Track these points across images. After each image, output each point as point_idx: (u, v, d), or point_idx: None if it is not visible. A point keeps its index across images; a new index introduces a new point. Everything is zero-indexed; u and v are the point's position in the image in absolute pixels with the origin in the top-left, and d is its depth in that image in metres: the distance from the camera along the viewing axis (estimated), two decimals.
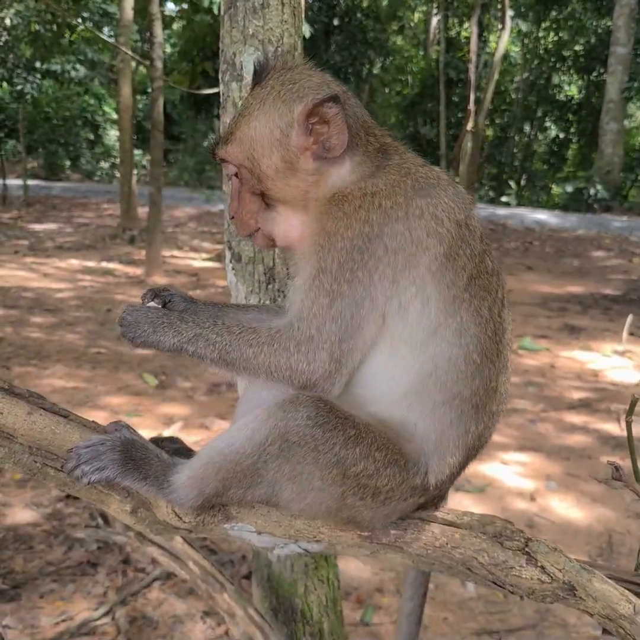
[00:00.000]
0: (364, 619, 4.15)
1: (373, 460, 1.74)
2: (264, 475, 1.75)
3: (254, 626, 2.68)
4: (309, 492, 1.75)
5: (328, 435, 1.69)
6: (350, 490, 1.74)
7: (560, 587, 1.64)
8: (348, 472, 1.72)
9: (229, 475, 1.76)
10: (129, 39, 17.75)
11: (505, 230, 21.89)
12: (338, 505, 1.77)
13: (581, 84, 34.29)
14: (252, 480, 1.76)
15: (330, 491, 1.74)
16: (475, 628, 4.14)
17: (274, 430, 1.69)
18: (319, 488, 1.74)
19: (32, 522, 4.88)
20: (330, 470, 1.71)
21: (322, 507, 1.78)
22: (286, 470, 1.72)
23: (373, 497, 1.76)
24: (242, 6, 2.52)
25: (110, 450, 1.80)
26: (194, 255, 17.07)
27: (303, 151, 1.86)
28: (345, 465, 1.71)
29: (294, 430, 1.68)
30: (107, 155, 34.77)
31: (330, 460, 1.70)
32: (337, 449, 1.70)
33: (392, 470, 1.77)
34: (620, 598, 1.61)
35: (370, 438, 1.75)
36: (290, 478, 1.73)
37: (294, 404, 1.70)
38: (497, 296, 1.86)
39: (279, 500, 1.80)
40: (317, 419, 1.69)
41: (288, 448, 1.69)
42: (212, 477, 1.77)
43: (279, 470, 1.73)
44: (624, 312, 11.30)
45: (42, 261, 15.14)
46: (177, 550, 2.83)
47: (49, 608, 4.10)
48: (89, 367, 8.08)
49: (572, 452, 6.41)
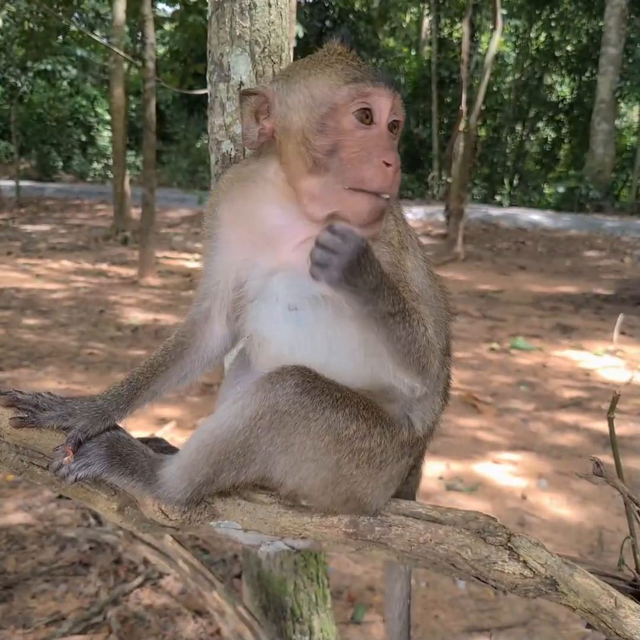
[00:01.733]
0: (355, 617, 4.17)
1: (363, 419, 1.78)
2: (257, 452, 1.76)
3: (244, 624, 2.69)
4: (303, 464, 1.76)
5: (317, 401, 1.72)
6: (345, 457, 1.76)
7: (543, 582, 1.65)
8: (341, 437, 1.74)
9: (220, 457, 1.77)
10: (121, 39, 17.73)
11: (498, 231, 21.95)
12: (334, 476, 1.78)
13: (573, 85, 34.39)
14: (245, 458, 1.77)
15: (324, 460, 1.76)
16: (466, 625, 4.16)
17: (263, 402, 1.71)
18: (313, 458, 1.75)
19: (24, 522, 4.88)
20: (323, 437, 1.73)
21: (318, 480, 1.79)
22: (278, 442, 1.74)
23: (368, 462, 1.79)
24: (229, 7, 2.53)
25: (96, 446, 1.81)
26: (187, 256, 17.08)
27: None
28: (338, 429, 1.74)
29: (283, 399, 1.71)
30: (100, 156, 34.68)
31: (322, 426, 1.73)
32: (327, 413, 1.73)
33: (382, 428, 1.82)
34: (601, 592, 1.63)
35: (356, 399, 1.80)
36: (283, 450, 1.75)
37: (280, 375, 1.73)
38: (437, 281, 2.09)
39: (273, 476, 1.81)
40: (304, 386, 1.72)
41: (279, 419, 1.71)
42: (203, 461, 1.79)
43: (271, 444, 1.75)
44: (615, 312, 11.35)
45: (34, 262, 15.12)
46: (166, 548, 2.84)
47: (41, 608, 4.10)
48: (82, 368, 8.08)
49: (563, 451, 6.44)
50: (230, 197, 1.97)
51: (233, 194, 1.97)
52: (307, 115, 1.76)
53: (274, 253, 1.88)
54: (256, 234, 1.90)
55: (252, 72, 2.55)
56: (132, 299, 11.99)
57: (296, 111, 1.78)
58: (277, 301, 1.88)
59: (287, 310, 1.87)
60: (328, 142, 1.74)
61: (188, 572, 2.83)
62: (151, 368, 2.02)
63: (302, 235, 1.84)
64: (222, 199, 1.99)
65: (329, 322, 1.84)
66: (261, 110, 1.85)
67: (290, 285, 1.86)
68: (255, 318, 1.94)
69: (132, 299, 12.03)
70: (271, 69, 2.56)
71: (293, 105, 1.79)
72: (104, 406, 1.88)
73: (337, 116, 1.74)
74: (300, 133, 1.76)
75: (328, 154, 1.74)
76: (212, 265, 2.03)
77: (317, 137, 1.74)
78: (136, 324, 10.30)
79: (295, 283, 1.85)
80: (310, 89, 1.77)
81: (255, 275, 1.93)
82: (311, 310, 1.85)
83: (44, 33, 23.51)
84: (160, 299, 12.09)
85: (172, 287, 13.23)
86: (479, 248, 19.28)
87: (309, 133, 1.75)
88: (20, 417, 1.80)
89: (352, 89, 1.74)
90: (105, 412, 1.87)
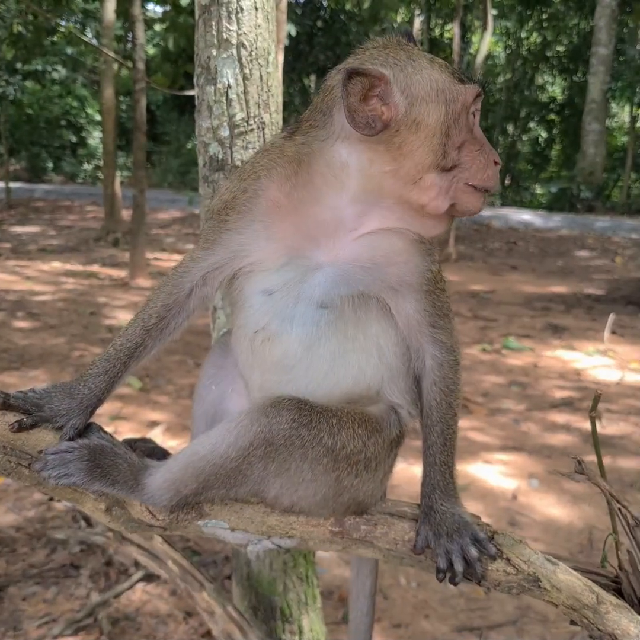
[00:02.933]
0: (346, 617, 4.18)
1: (358, 437, 1.79)
2: (249, 476, 1.76)
3: (233, 624, 2.70)
4: (300, 485, 1.77)
5: (314, 432, 1.72)
6: (345, 472, 1.78)
7: (526, 579, 1.67)
8: (339, 457, 1.75)
9: (210, 477, 1.77)
10: (111, 40, 17.69)
11: (490, 231, 22.00)
12: (335, 490, 1.79)
13: (564, 85, 34.52)
14: (236, 480, 1.77)
15: (323, 479, 1.77)
16: (457, 625, 4.18)
17: (258, 435, 1.71)
18: (311, 479, 1.76)
19: (14, 525, 4.88)
20: (321, 461, 1.74)
21: (318, 497, 1.80)
22: (272, 468, 1.74)
23: (366, 469, 1.81)
24: (216, 11, 2.55)
25: (77, 459, 1.80)
26: (178, 257, 16.91)
27: None
28: (335, 451, 1.75)
29: (279, 434, 1.70)
30: (90, 157, 34.59)
31: (320, 452, 1.73)
32: (325, 440, 1.73)
33: (375, 437, 1.83)
34: (583, 588, 1.65)
35: (350, 419, 1.79)
36: (278, 474, 1.75)
37: (276, 409, 1.72)
38: None
39: (267, 496, 1.81)
40: (301, 420, 1.71)
41: (275, 450, 1.71)
42: (192, 479, 1.79)
43: (265, 469, 1.74)
44: (606, 312, 11.39)
45: (25, 264, 15.07)
46: (156, 549, 2.84)
47: (31, 610, 4.10)
48: (72, 371, 8.05)
49: (554, 451, 6.46)
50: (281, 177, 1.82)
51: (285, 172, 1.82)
52: (444, 110, 1.74)
53: (332, 245, 1.81)
54: (315, 222, 1.80)
55: (239, 75, 2.57)
56: (123, 301, 11.96)
57: (428, 104, 1.73)
58: (310, 297, 1.81)
59: (317, 308, 1.81)
60: (461, 139, 1.77)
61: (178, 573, 2.83)
62: (128, 352, 1.96)
63: (366, 228, 1.81)
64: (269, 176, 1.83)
65: (353, 324, 1.83)
66: (374, 94, 1.71)
67: (336, 281, 1.81)
68: (271, 312, 1.84)
69: (123, 300, 12.01)
70: (258, 72, 2.58)
71: (422, 97, 1.73)
72: (86, 402, 1.88)
73: (465, 114, 1.78)
74: (437, 127, 1.73)
75: (458, 150, 1.77)
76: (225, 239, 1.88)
77: (454, 133, 1.76)
78: None
79: (342, 279, 1.81)
80: (437, 83, 1.75)
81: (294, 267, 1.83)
82: (340, 311, 1.81)
83: (34, 34, 23.42)
84: None
85: None
86: (470, 248, 19.33)
87: (449, 128, 1.75)
88: (17, 421, 1.81)
89: (473, 89, 1.79)
90: (88, 406, 1.88)
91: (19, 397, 1.85)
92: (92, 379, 1.90)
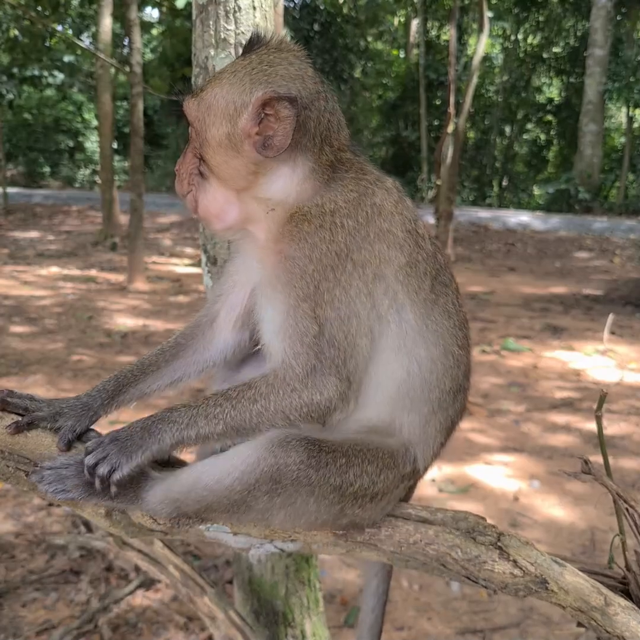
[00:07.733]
0: (348, 621, 4.16)
1: (367, 475, 1.76)
2: (253, 506, 1.74)
3: (235, 629, 2.68)
4: (303, 515, 1.75)
5: (322, 473, 1.69)
6: (349, 504, 1.75)
7: (533, 581, 1.65)
8: (345, 493, 1.73)
9: (213, 504, 1.75)
10: (108, 45, 17.69)
11: (488, 232, 22.01)
12: (335, 517, 1.78)
13: (561, 86, 34.55)
14: (239, 509, 1.75)
15: (327, 510, 1.75)
16: (460, 627, 4.15)
17: (265, 474, 1.68)
18: (315, 510, 1.74)
19: (13, 531, 4.85)
20: (327, 497, 1.72)
21: (319, 522, 1.79)
22: (277, 501, 1.72)
23: (372, 501, 1.78)
24: (214, 10, 2.53)
25: (74, 475, 1.76)
26: (176, 261, 17.04)
27: (246, 137, 1.77)
28: (342, 489, 1.72)
29: (287, 475, 1.68)
30: (87, 162, 34.57)
31: (326, 490, 1.71)
32: (332, 480, 1.71)
33: (385, 474, 1.79)
34: (591, 590, 1.63)
35: (360, 458, 1.76)
36: (282, 507, 1.73)
37: (284, 449, 1.68)
38: (453, 287, 1.96)
39: (269, 524, 1.80)
40: (309, 462, 1.68)
41: (281, 487, 1.69)
42: (194, 502, 1.76)
43: (269, 502, 1.72)
44: (605, 312, 11.40)
45: (23, 269, 15.05)
46: (157, 554, 2.82)
47: (31, 617, 4.07)
48: (71, 375, 8.03)
49: (555, 452, 6.44)
50: None
51: None
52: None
53: None
54: None
55: None
56: (121, 305, 11.94)
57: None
58: None
59: None
60: None
61: (179, 578, 2.81)
62: (141, 366, 1.99)
63: None
64: None
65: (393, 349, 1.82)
66: None
67: None
68: None
69: (121, 304, 11.99)
70: None
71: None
72: (89, 402, 1.86)
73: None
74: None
75: None
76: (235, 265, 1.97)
77: None
78: (125, 330, 10.26)
79: None
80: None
81: None
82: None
83: (30, 39, 23.41)
84: (149, 305, 12.04)
85: (162, 292, 13.19)
86: (468, 250, 19.33)
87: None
88: (14, 422, 1.79)
89: None
90: (90, 408, 1.86)
91: (20, 397, 1.86)
92: (100, 384, 1.91)
